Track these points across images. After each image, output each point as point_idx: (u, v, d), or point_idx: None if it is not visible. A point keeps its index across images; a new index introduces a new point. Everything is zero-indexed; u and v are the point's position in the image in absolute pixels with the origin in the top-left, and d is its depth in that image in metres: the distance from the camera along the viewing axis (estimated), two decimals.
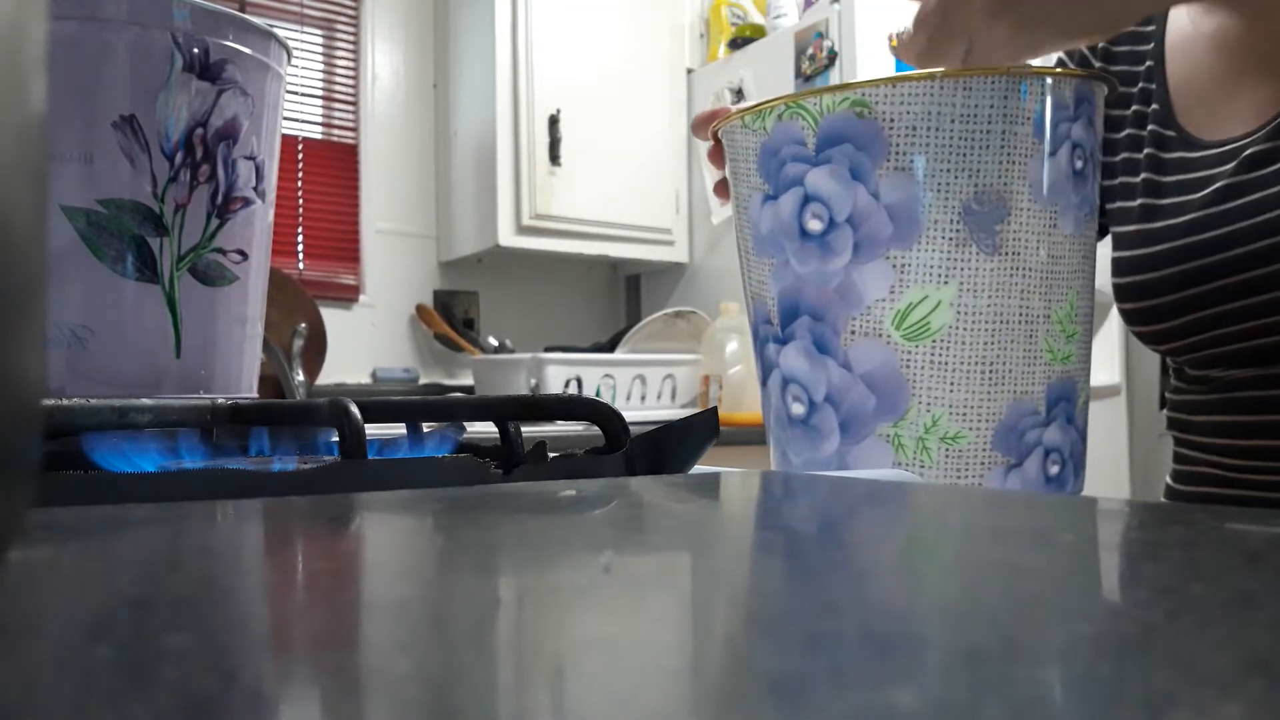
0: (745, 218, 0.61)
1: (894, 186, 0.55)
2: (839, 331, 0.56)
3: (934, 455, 0.55)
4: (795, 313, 0.58)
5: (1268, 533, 0.27)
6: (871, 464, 0.55)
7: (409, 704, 0.14)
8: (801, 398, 0.58)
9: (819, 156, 0.56)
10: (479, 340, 2.35)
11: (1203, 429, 0.76)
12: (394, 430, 0.54)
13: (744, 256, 0.62)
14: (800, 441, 0.58)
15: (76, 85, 0.59)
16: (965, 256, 0.55)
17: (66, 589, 0.22)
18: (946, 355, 0.55)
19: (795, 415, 0.58)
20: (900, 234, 0.55)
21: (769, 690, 0.14)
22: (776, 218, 0.58)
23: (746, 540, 0.32)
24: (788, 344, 0.58)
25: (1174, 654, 0.16)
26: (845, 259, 0.56)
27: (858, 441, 0.56)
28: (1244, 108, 0.72)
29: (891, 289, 0.55)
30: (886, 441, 0.56)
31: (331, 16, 2.41)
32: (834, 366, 0.56)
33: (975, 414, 0.55)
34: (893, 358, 0.55)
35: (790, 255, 0.57)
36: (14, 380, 0.16)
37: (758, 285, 0.60)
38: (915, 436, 0.55)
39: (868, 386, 0.56)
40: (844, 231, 0.56)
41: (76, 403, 0.46)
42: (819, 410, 0.57)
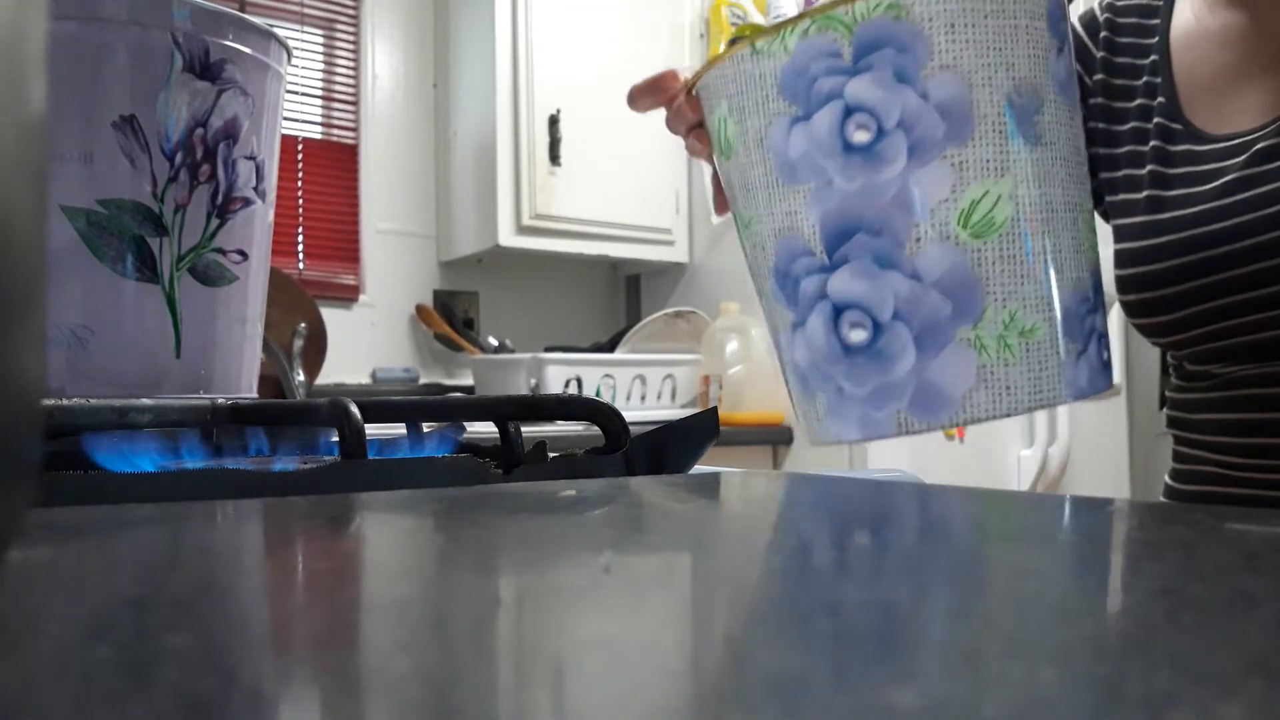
0: (759, 154, 0.58)
1: (942, 85, 0.54)
2: (902, 242, 0.54)
3: (1016, 351, 0.55)
4: (847, 233, 0.55)
5: (1268, 533, 0.27)
6: (954, 374, 0.53)
7: (409, 704, 0.13)
8: (863, 322, 0.55)
9: (858, 65, 0.54)
10: (479, 340, 2.35)
11: (1203, 427, 0.76)
12: (394, 430, 0.54)
13: (757, 197, 0.59)
14: (863, 370, 0.56)
15: (76, 85, 0.59)
16: (1015, 149, 0.55)
17: (66, 589, 0.22)
18: (1013, 248, 0.55)
19: (855, 343, 0.55)
20: (954, 132, 0.54)
21: (769, 690, 0.14)
22: (811, 138, 0.56)
23: (746, 540, 0.32)
24: (838, 269, 0.56)
25: (1174, 654, 0.16)
26: (900, 165, 0.54)
27: (936, 353, 0.54)
28: (1250, 103, 0.73)
29: (953, 188, 0.54)
30: (969, 346, 0.54)
31: (331, 16, 2.41)
32: (900, 280, 0.54)
33: (1045, 305, 0.56)
34: (963, 258, 0.54)
35: (834, 173, 0.55)
36: (14, 380, 0.16)
37: (785, 219, 0.58)
38: (995, 335, 0.55)
39: (941, 293, 0.54)
40: (896, 137, 0.54)
41: (76, 403, 0.46)
42: (887, 330, 0.55)
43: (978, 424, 0.55)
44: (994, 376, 0.54)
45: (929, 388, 0.54)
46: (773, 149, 0.57)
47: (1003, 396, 0.54)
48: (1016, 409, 0.55)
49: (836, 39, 0.55)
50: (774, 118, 0.57)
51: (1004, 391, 0.54)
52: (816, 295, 0.57)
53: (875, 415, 0.55)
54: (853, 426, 0.56)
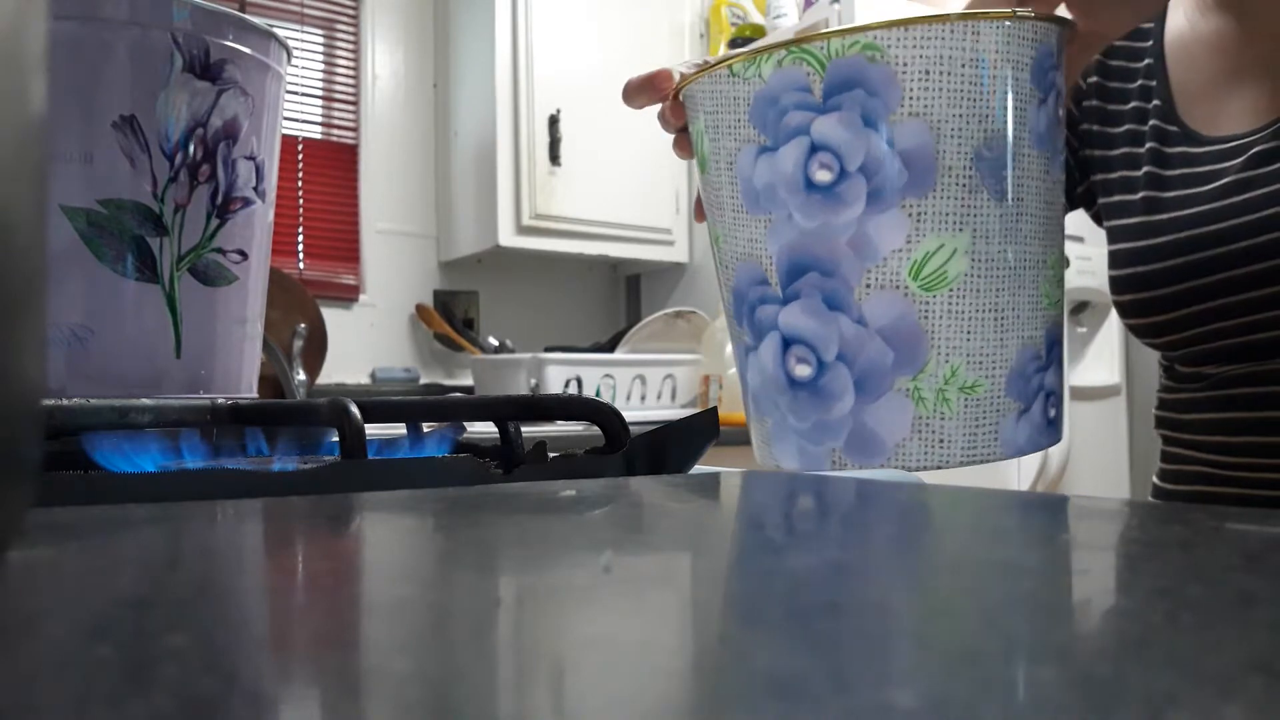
0: (728, 175, 0.58)
1: (908, 133, 0.54)
2: (852, 285, 0.54)
3: (954, 406, 0.55)
4: (801, 269, 0.55)
5: (1268, 533, 0.27)
6: (889, 421, 0.54)
7: (409, 704, 0.13)
8: (808, 359, 0.56)
9: (827, 104, 0.54)
10: (479, 340, 2.35)
11: (1194, 427, 0.76)
12: (394, 430, 0.54)
13: (725, 217, 0.59)
14: (806, 405, 0.56)
15: (76, 85, 0.59)
16: (978, 203, 0.55)
17: (66, 589, 0.22)
18: (962, 304, 0.55)
19: (800, 378, 0.56)
20: (915, 182, 0.54)
21: (769, 690, 0.14)
22: (775, 170, 0.55)
23: (746, 540, 0.31)
24: (790, 303, 0.56)
25: (1174, 654, 0.16)
26: (858, 210, 0.54)
27: (875, 398, 0.55)
28: (1246, 106, 0.73)
29: (908, 238, 0.54)
30: (906, 395, 0.55)
31: (331, 16, 2.41)
32: (847, 322, 0.55)
33: (990, 362, 0.56)
34: (910, 309, 0.54)
35: (794, 209, 0.55)
36: (14, 380, 0.16)
37: (747, 245, 0.58)
38: (935, 388, 0.55)
39: (885, 341, 0.55)
40: (856, 181, 0.54)
41: (76, 403, 0.46)
42: (829, 370, 0.55)
43: (908, 471, 0.56)
44: (928, 428, 0.55)
45: (864, 431, 0.55)
46: (740, 174, 0.57)
47: (934, 448, 0.55)
48: (948, 462, 0.55)
49: (809, 73, 0.54)
50: (744, 143, 0.57)
51: (937, 444, 0.55)
52: (769, 325, 0.57)
53: (812, 449, 0.56)
54: (791, 455, 0.57)
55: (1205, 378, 0.74)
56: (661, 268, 2.54)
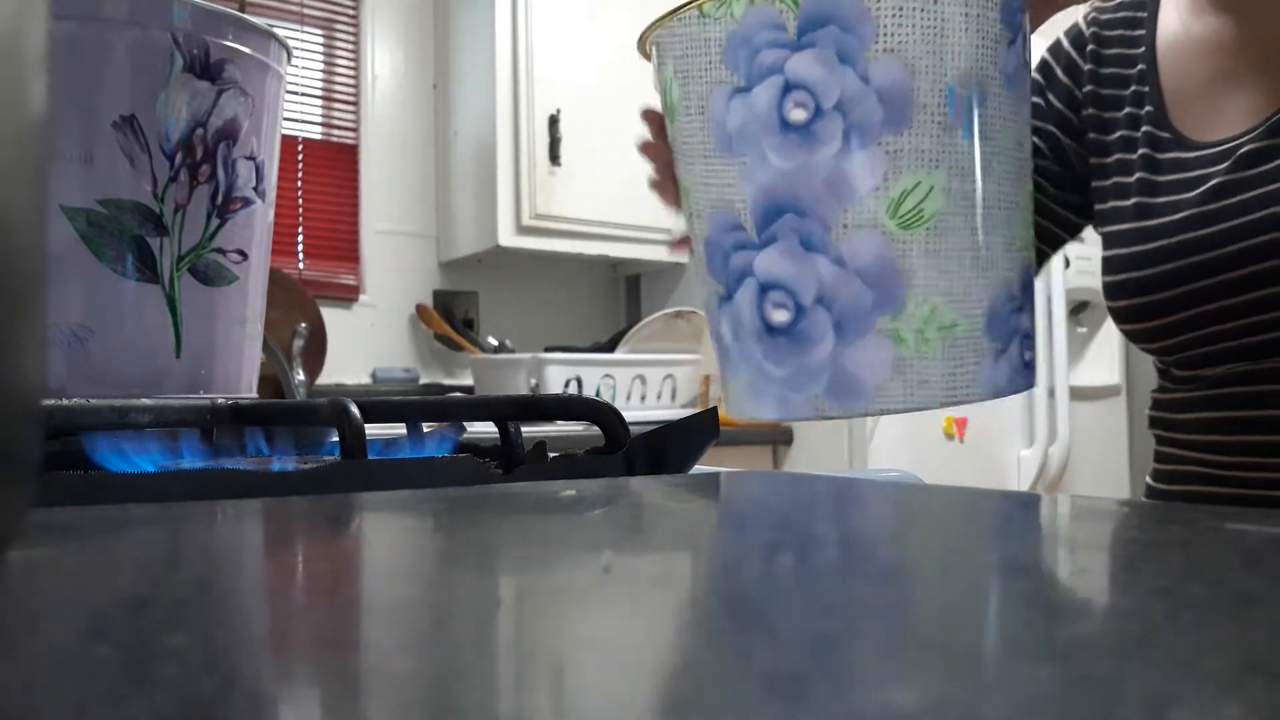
0: (699, 121, 0.57)
1: (884, 70, 0.53)
2: (830, 226, 0.53)
3: (934, 346, 0.54)
4: (776, 212, 0.54)
5: (1268, 533, 0.27)
6: (870, 363, 0.53)
7: (409, 704, 0.13)
8: (785, 303, 0.54)
9: (801, 40, 0.53)
10: (479, 340, 2.35)
11: (1188, 426, 0.76)
12: (394, 430, 0.54)
13: (695, 167, 0.58)
14: (784, 351, 0.55)
15: (76, 85, 0.59)
16: (953, 140, 0.54)
17: (66, 589, 0.22)
18: (940, 243, 0.54)
19: (777, 323, 0.55)
20: (891, 118, 0.53)
21: (769, 690, 0.14)
22: (749, 110, 0.54)
23: (746, 540, 0.31)
24: (766, 248, 0.55)
25: (1174, 654, 0.16)
26: (834, 148, 0.53)
27: (855, 340, 0.54)
28: (1237, 109, 0.73)
29: (885, 176, 0.53)
30: (886, 336, 0.54)
31: (331, 16, 2.41)
32: (825, 264, 0.53)
33: (968, 301, 0.55)
34: (888, 249, 0.53)
35: (768, 150, 0.54)
36: (14, 380, 0.16)
37: (720, 191, 0.56)
38: (914, 329, 0.54)
39: (864, 281, 0.54)
40: (832, 119, 0.53)
41: (76, 403, 0.46)
42: (808, 313, 0.54)
43: (890, 414, 0.55)
44: (910, 369, 0.54)
45: (845, 375, 0.54)
46: (712, 118, 0.56)
47: (916, 389, 0.54)
48: (930, 403, 0.54)
49: (782, 11, 0.53)
50: (715, 85, 0.56)
51: (918, 385, 0.54)
52: (744, 272, 0.56)
53: (793, 397, 0.55)
54: (770, 406, 0.56)
55: (1200, 380, 0.74)
56: (661, 268, 2.53)
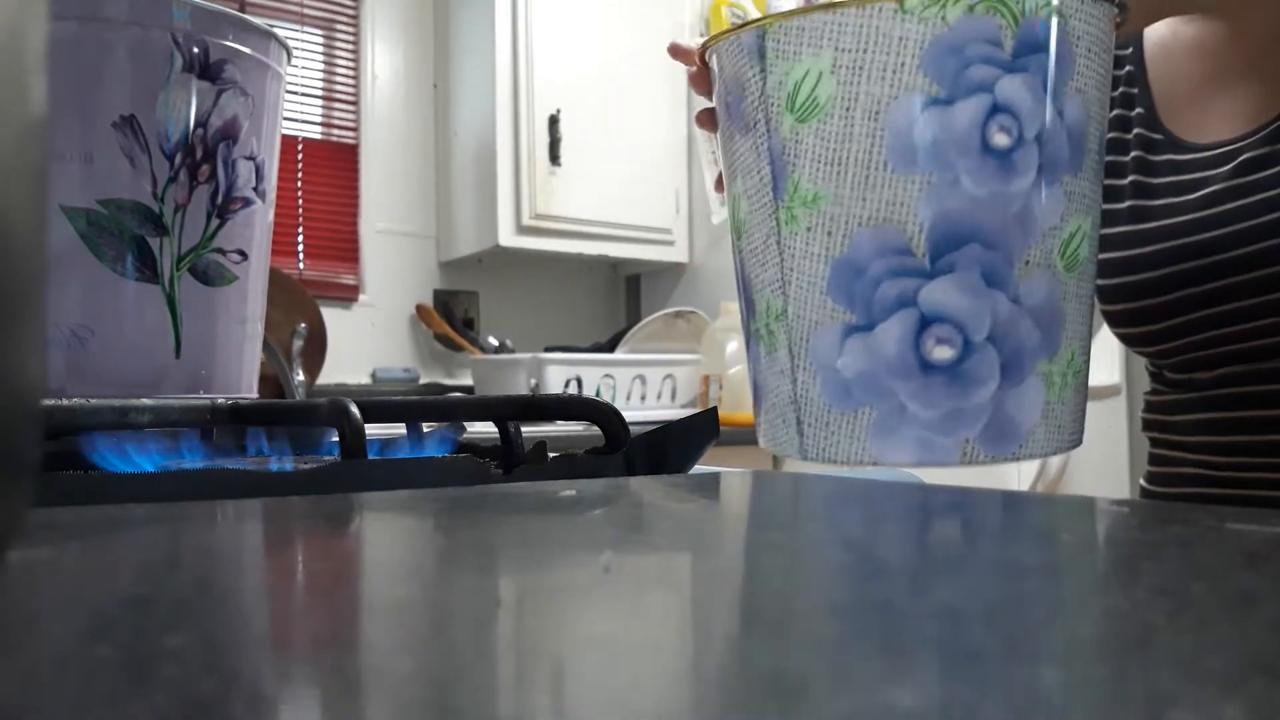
0: (867, 126, 0.52)
1: (1074, 108, 0.52)
2: (1014, 262, 0.51)
3: (1069, 392, 0.54)
4: (960, 240, 0.51)
5: (1268, 533, 0.27)
6: (1026, 406, 0.52)
7: (409, 704, 0.13)
8: (953, 339, 0.51)
9: (1016, 62, 0.50)
10: (479, 340, 2.35)
11: (1183, 428, 0.75)
12: (394, 430, 0.54)
13: (853, 173, 0.52)
14: (940, 392, 0.51)
15: (76, 85, 0.59)
16: (1098, 188, 0.55)
17: (66, 589, 0.22)
18: (1083, 288, 0.55)
19: (938, 361, 0.51)
20: (1073, 159, 0.52)
21: (769, 690, 0.14)
22: (947, 126, 0.51)
23: (746, 540, 0.31)
24: (939, 277, 0.51)
25: (1174, 654, 0.16)
26: (1029, 180, 0.51)
27: (1017, 383, 0.52)
28: (1230, 111, 0.72)
29: (1063, 216, 0.52)
30: (1041, 379, 0.52)
31: (331, 16, 2.41)
32: (1003, 300, 0.51)
33: (1087, 347, 0.56)
34: (1056, 289, 0.52)
35: (963, 172, 0.51)
36: (14, 380, 0.16)
37: (884, 209, 0.52)
38: (1061, 372, 0.53)
39: (1034, 321, 0.52)
40: (1030, 150, 0.51)
41: (76, 403, 0.46)
42: (977, 351, 0.51)
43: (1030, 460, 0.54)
44: (1053, 413, 0.53)
45: (1003, 418, 0.52)
46: (892, 126, 0.51)
47: (1054, 434, 0.53)
48: (1060, 449, 0.54)
49: (1002, 27, 0.50)
50: (905, 91, 0.51)
51: (1057, 429, 0.53)
52: (903, 300, 0.52)
53: (940, 441, 0.52)
54: (908, 449, 0.52)
55: (1195, 382, 0.74)
56: (661, 268, 2.53)
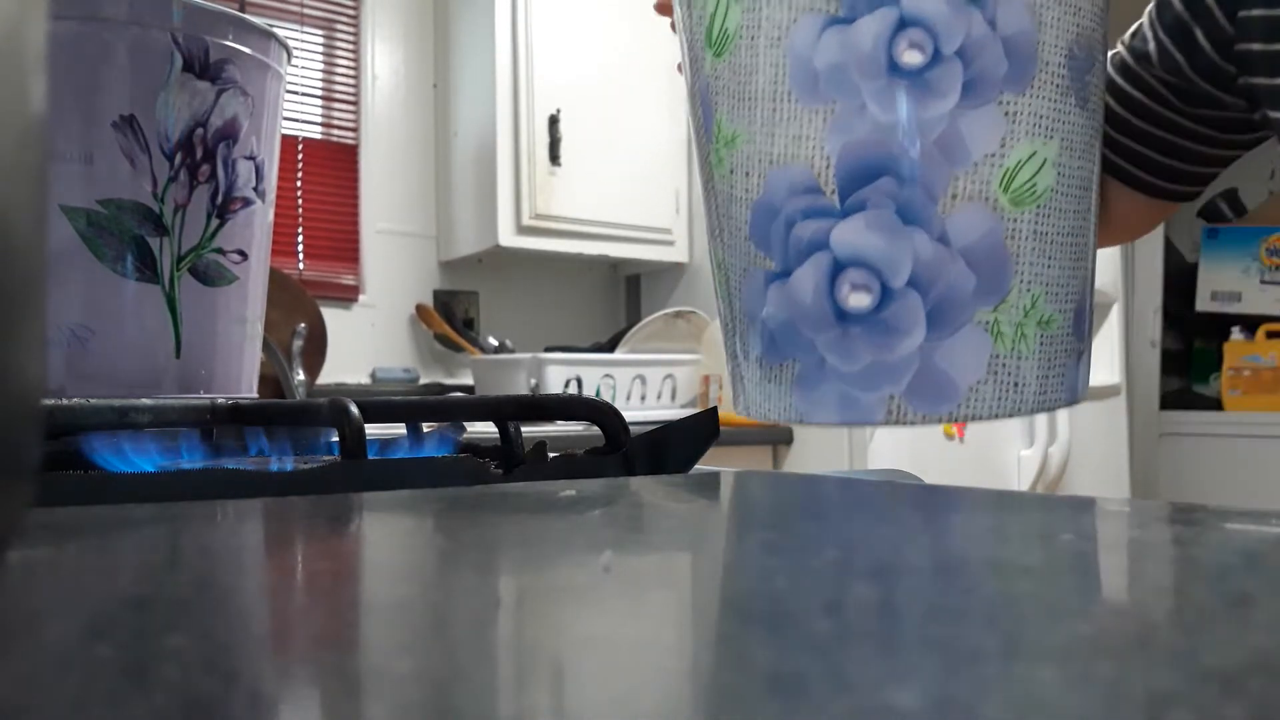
0: (770, 54, 0.47)
1: (1012, 16, 0.45)
2: (936, 196, 0.45)
3: (1031, 344, 0.48)
4: (870, 173, 0.46)
5: (1268, 533, 0.27)
6: (964, 360, 0.46)
7: (409, 704, 0.13)
8: (869, 284, 0.46)
9: None
10: (479, 340, 2.35)
11: None
12: (394, 430, 0.54)
13: (755, 110, 0.48)
14: (859, 343, 0.46)
15: (76, 85, 0.58)
16: (1066, 109, 0.47)
17: (66, 589, 0.22)
18: (1047, 225, 0.47)
19: (855, 308, 0.46)
20: (1015, 74, 0.46)
21: (769, 690, 0.14)
22: (849, 46, 0.46)
23: (746, 540, 0.31)
24: (850, 216, 0.46)
25: (1174, 654, 0.16)
26: (951, 102, 0.45)
27: (951, 333, 0.46)
28: None
29: (1003, 142, 0.46)
30: (985, 330, 0.46)
31: (331, 16, 2.41)
32: (924, 240, 0.45)
33: (1065, 294, 0.48)
34: (998, 226, 0.46)
35: (869, 97, 0.45)
36: (14, 380, 0.16)
37: (791, 144, 0.47)
38: (1014, 322, 0.47)
39: (968, 263, 0.46)
40: (952, 66, 0.45)
41: (76, 403, 0.46)
42: (898, 298, 0.46)
43: (975, 422, 0.48)
44: (1005, 369, 0.47)
45: (934, 373, 0.46)
46: (793, 52, 0.47)
47: (1009, 393, 0.47)
48: (1020, 409, 0.48)
49: None
50: (802, 13, 0.46)
51: (1011, 387, 0.47)
52: (814, 243, 0.47)
53: (861, 397, 0.47)
54: (829, 407, 0.47)
55: None
56: (661, 268, 2.53)
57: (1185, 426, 2.59)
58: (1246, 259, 2.73)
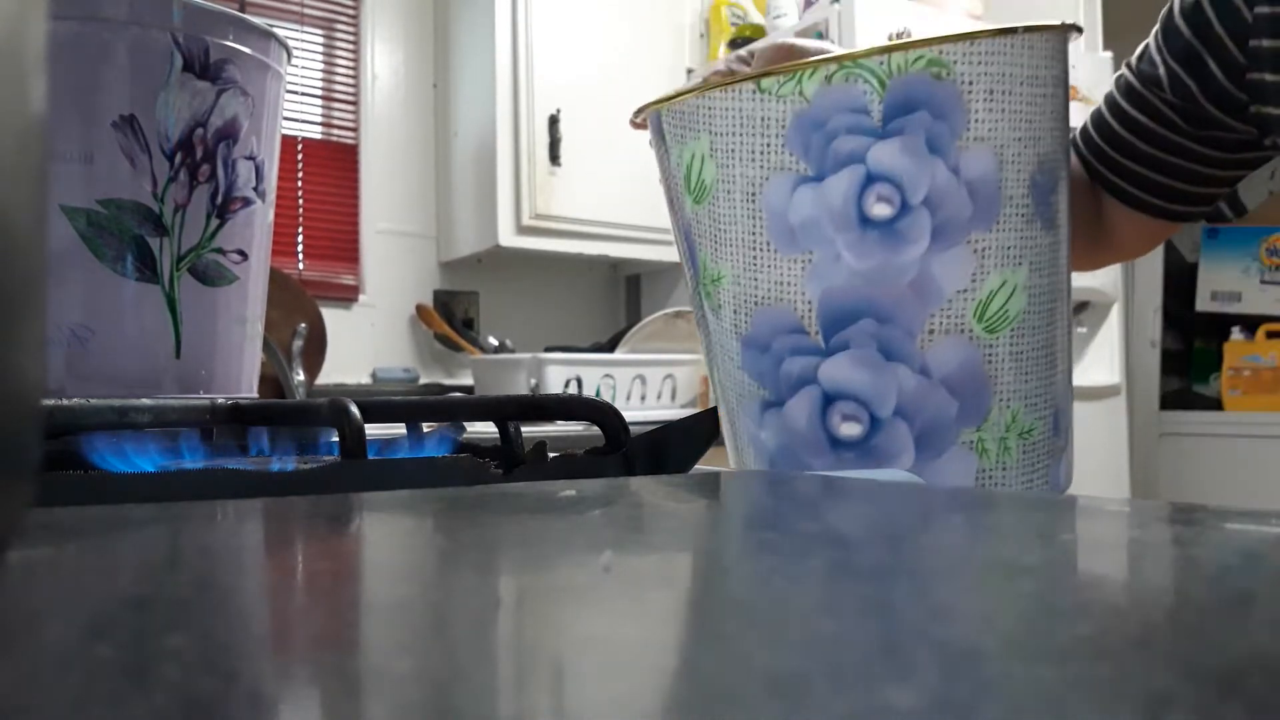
0: (747, 208, 0.51)
1: (974, 160, 0.49)
2: (914, 333, 0.49)
3: (1013, 454, 0.51)
4: (850, 316, 0.50)
5: (1268, 533, 0.27)
6: (953, 477, 0.50)
7: (409, 704, 0.13)
8: (859, 416, 0.50)
9: (887, 127, 0.48)
10: (479, 340, 2.35)
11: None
12: (394, 430, 0.54)
13: (738, 255, 0.52)
14: (853, 468, 0.50)
15: (76, 85, 0.58)
16: (1033, 233, 0.51)
17: (66, 589, 0.22)
18: (1021, 344, 0.51)
19: (847, 438, 0.50)
20: (980, 214, 0.49)
21: (769, 690, 0.14)
22: (820, 203, 0.49)
23: (746, 540, 0.31)
24: (835, 355, 0.50)
25: (1174, 654, 0.16)
26: (921, 247, 0.49)
27: (937, 455, 0.50)
28: None
29: (972, 277, 0.49)
30: (970, 449, 0.50)
31: (331, 16, 2.41)
32: (907, 374, 0.49)
33: (1043, 401, 0.52)
34: (975, 354, 0.50)
35: (843, 248, 0.49)
36: (14, 380, 0.16)
37: (773, 289, 0.51)
38: (997, 437, 0.51)
39: (949, 391, 0.50)
40: (920, 215, 0.48)
41: (76, 403, 0.46)
42: (885, 427, 0.50)
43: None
44: (991, 480, 0.51)
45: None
46: (768, 207, 0.50)
47: None
48: None
49: (866, 93, 0.48)
50: (774, 172, 0.50)
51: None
52: (803, 379, 0.51)
53: None
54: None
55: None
56: (661, 268, 2.53)
57: (1185, 426, 2.59)
58: (1246, 259, 2.73)
